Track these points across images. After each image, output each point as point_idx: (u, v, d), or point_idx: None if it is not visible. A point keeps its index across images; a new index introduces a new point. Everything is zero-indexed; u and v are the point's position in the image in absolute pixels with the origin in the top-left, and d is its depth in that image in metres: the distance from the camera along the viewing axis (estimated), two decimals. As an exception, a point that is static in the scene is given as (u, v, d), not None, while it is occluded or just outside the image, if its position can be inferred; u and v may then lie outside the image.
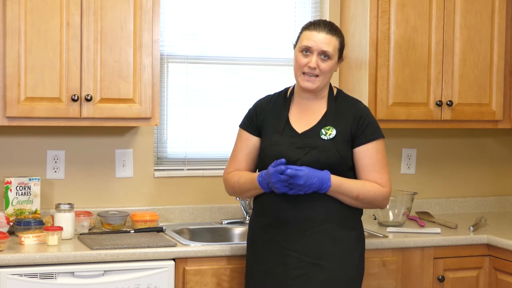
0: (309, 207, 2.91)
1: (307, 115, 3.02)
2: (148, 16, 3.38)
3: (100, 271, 3.06)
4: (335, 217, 2.94)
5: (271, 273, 2.95)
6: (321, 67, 2.94)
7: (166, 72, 3.83)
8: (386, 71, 3.73)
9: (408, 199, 3.78)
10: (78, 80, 3.30)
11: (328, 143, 2.93)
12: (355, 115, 3.00)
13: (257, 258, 3.01)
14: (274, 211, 2.95)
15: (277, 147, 2.95)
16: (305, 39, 2.96)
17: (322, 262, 2.91)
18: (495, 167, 4.40)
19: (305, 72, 2.95)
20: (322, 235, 2.92)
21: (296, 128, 2.99)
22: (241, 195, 3.16)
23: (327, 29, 2.96)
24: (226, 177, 3.12)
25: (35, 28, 3.23)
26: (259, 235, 3.02)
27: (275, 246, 2.95)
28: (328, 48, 2.94)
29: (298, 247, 2.92)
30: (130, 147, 3.75)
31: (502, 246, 3.49)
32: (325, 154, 2.91)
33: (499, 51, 3.91)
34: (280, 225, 2.95)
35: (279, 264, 2.94)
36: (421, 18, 3.77)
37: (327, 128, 2.96)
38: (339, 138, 2.95)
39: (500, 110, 3.93)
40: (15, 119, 3.26)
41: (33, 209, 3.44)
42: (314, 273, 2.91)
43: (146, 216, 3.54)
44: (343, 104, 3.04)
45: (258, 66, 4.00)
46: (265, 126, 3.04)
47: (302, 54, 2.96)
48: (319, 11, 4.06)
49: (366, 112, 3.05)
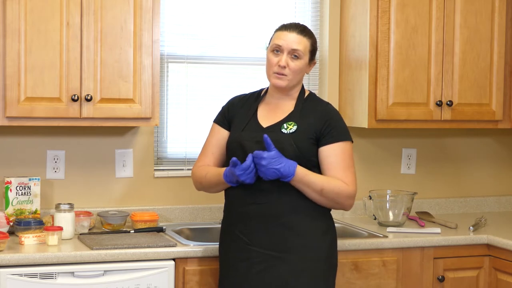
0: (271, 200, 2.92)
1: (274, 113, 3.05)
2: (148, 16, 3.38)
3: (100, 271, 3.06)
4: (299, 209, 2.93)
5: (235, 269, 2.97)
6: (291, 66, 2.97)
7: (166, 72, 3.83)
8: (386, 71, 3.73)
9: (408, 199, 3.78)
10: (78, 80, 3.30)
11: (286, 136, 2.95)
12: (323, 115, 3.01)
13: (224, 255, 3.04)
14: (237, 206, 2.98)
15: (238, 143, 3.00)
16: (276, 38, 3.01)
17: (285, 255, 2.91)
18: (495, 167, 4.40)
19: (275, 72, 2.99)
20: (285, 227, 2.92)
21: (262, 123, 3.03)
22: (208, 190, 3.14)
23: (298, 30, 3.01)
24: (194, 170, 3.15)
25: (35, 28, 3.23)
26: (226, 232, 3.05)
27: (238, 241, 2.97)
28: (298, 47, 2.97)
29: (260, 241, 2.93)
30: (130, 147, 3.75)
31: (502, 246, 3.49)
32: (281, 146, 2.91)
33: (499, 51, 3.91)
34: (244, 220, 2.97)
35: (242, 259, 2.95)
36: (421, 18, 3.77)
37: (289, 123, 2.99)
38: (300, 134, 2.96)
39: (500, 110, 3.93)
40: (15, 119, 3.26)
41: (33, 209, 3.44)
42: (276, 267, 2.90)
43: (146, 216, 3.54)
44: (311, 104, 3.06)
45: (258, 66, 4.00)
46: (234, 121, 3.09)
47: (273, 54, 3.00)
48: (319, 11, 4.06)
49: (335, 115, 3.06)
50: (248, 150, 2.92)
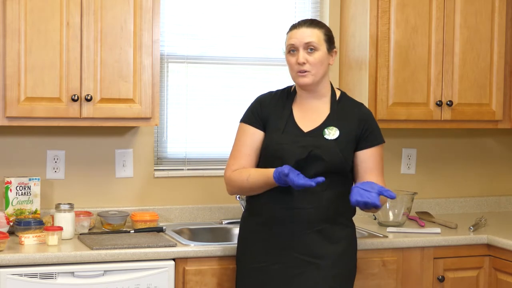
0: (305, 207, 2.92)
1: (311, 115, 3.01)
2: (148, 16, 3.38)
3: (100, 271, 3.06)
4: (335, 217, 2.95)
5: (266, 271, 2.95)
6: (310, 60, 2.94)
7: (166, 72, 3.83)
8: (386, 71, 3.73)
9: (408, 199, 3.78)
10: (78, 80, 3.30)
11: (331, 143, 2.93)
12: (360, 118, 3.01)
13: (251, 257, 3.01)
14: (275, 209, 2.94)
15: (280, 146, 2.95)
16: (289, 39, 3.00)
17: (319, 261, 2.92)
18: (495, 167, 4.40)
19: (296, 71, 2.96)
20: (321, 234, 2.93)
21: (302, 126, 2.99)
22: (248, 193, 3.05)
23: (306, 24, 2.99)
24: (230, 175, 3.03)
25: (35, 28, 3.23)
26: (253, 234, 3.01)
27: (271, 244, 2.95)
28: (311, 39, 2.94)
29: (297, 246, 2.92)
30: (130, 147, 3.75)
31: (502, 246, 3.49)
32: (327, 153, 2.91)
33: (499, 51, 3.91)
34: (277, 224, 2.94)
35: (274, 262, 2.94)
36: (421, 18, 3.77)
37: (330, 128, 2.96)
38: (342, 139, 2.95)
39: (500, 110, 3.93)
40: (15, 119, 3.26)
41: (33, 209, 3.44)
42: (312, 272, 2.91)
43: (146, 216, 3.54)
44: (346, 106, 3.04)
45: (258, 66, 4.00)
46: (269, 121, 3.02)
47: (290, 55, 2.98)
48: (319, 11, 4.06)
49: (371, 117, 3.07)
50: (291, 157, 2.89)
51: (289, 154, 2.91)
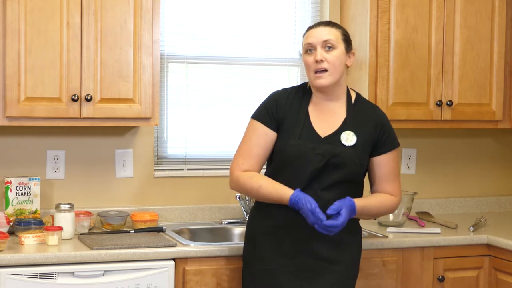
0: None
1: (327, 118, 2.97)
2: (148, 16, 3.38)
3: (100, 271, 3.06)
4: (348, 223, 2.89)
5: (276, 274, 2.93)
6: (328, 58, 2.90)
7: (166, 72, 3.83)
8: (386, 71, 3.73)
9: (408, 199, 3.78)
10: (78, 80, 3.30)
11: (349, 150, 2.90)
12: (376, 122, 2.99)
13: (260, 258, 2.98)
14: (282, 214, 2.91)
15: (296, 152, 2.89)
16: (306, 39, 2.96)
17: (331, 265, 2.92)
18: (495, 167, 4.40)
19: (315, 71, 2.91)
20: (335, 240, 2.92)
21: (318, 131, 2.94)
22: (256, 199, 3.02)
23: (324, 23, 2.98)
24: (238, 175, 2.94)
25: (35, 28, 3.23)
26: (263, 236, 2.98)
27: (281, 248, 2.93)
28: (329, 37, 2.91)
29: (312, 250, 2.92)
30: (130, 147, 3.75)
31: (502, 246, 3.49)
32: (346, 162, 2.88)
33: (499, 51, 3.91)
34: (289, 228, 2.92)
35: (286, 265, 2.93)
36: (421, 18, 3.77)
37: (347, 134, 2.92)
38: (359, 146, 2.92)
39: (500, 110, 3.93)
40: (15, 119, 3.26)
41: (33, 209, 3.44)
42: (324, 275, 2.91)
43: (146, 216, 3.54)
44: (362, 109, 3.01)
45: (258, 66, 4.00)
46: (284, 123, 2.95)
47: (308, 54, 2.94)
48: (319, 11, 4.06)
49: (386, 120, 3.05)
50: (308, 165, 2.85)
51: (305, 162, 2.87)
